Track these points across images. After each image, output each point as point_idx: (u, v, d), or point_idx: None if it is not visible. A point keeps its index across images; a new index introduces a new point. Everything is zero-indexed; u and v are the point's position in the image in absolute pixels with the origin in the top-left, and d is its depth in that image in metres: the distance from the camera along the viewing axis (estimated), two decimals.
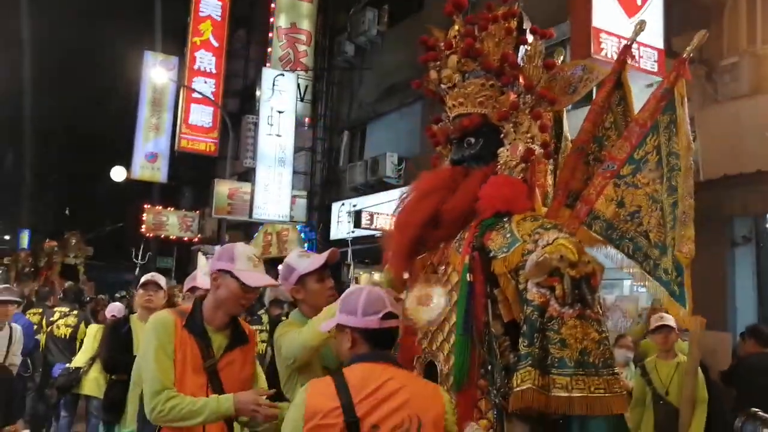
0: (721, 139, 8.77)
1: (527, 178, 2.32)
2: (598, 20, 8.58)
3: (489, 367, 2.08)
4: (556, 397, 1.91)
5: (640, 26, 2.63)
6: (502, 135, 2.35)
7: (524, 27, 2.43)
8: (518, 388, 1.93)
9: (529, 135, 2.32)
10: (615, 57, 8.63)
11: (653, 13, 8.93)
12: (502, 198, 2.22)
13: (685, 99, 2.31)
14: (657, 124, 2.27)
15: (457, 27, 2.45)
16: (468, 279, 2.16)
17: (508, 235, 2.13)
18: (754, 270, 9.34)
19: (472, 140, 2.40)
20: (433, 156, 2.73)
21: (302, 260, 3.35)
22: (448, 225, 2.28)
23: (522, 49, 2.42)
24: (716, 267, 8.97)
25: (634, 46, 2.53)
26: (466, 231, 2.25)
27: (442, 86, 2.50)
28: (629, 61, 2.53)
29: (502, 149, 2.33)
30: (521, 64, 2.37)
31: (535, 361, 1.94)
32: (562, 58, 2.58)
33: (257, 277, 2.87)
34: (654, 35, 8.58)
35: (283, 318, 4.79)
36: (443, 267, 2.33)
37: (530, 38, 2.43)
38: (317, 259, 3.35)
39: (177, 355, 2.66)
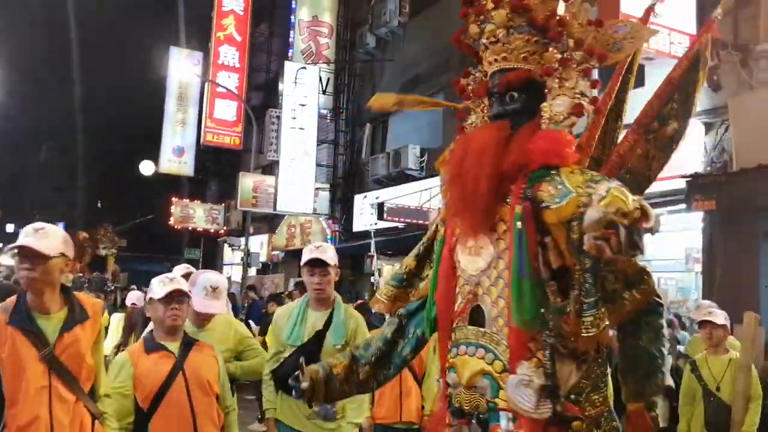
0: (756, 127, 8.54)
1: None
2: (626, 5, 8.35)
3: (541, 310, 2.17)
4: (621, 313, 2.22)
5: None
6: (546, 90, 2.35)
7: None
8: (594, 331, 2.09)
9: (576, 91, 2.33)
10: (644, 43, 8.52)
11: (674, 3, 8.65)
12: (552, 151, 2.25)
13: (708, 61, 2.46)
14: (686, 82, 2.43)
15: None
16: (518, 227, 2.20)
17: (560, 186, 2.18)
18: None
19: (515, 95, 2.39)
20: (460, 110, 2.77)
21: (307, 253, 3.97)
22: (507, 180, 2.30)
23: (563, 6, 2.45)
24: (747, 260, 8.87)
25: (665, 32, 2.60)
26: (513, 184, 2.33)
27: (483, 41, 2.47)
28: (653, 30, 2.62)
29: (545, 104, 2.33)
30: (568, 21, 2.41)
31: (605, 302, 2.13)
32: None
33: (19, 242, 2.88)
34: (687, 20, 8.37)
35: None
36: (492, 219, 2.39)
37: None
38: (309, 255, 3.94)
39: (3, 353, 2.75)
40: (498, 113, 2.43)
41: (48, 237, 2.84)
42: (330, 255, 4.02)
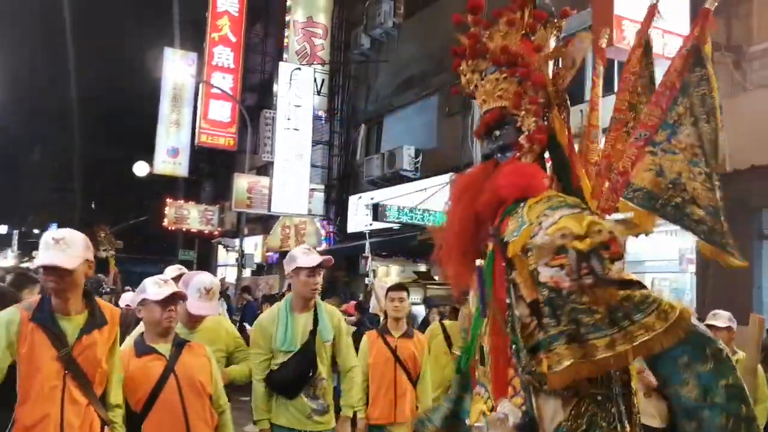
0: (749, 128, 8.52)
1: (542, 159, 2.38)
2: (620, 7, 8.35)
3: (513, 347, 2.13)
4: (604, 358, 1.88)
5: None
6: (518, 124, 2.37)
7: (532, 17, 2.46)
8: (559, 367, 1.91)
9: (533, 119, 2.33)
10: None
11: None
12: (518, 185, 2.25)
13: (710, 54, 2.26)
14: (686, 84, 2.20)
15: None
16: (481, 265, 2.24)
17: (519, 220, 2.16)
18: None
19: (497, 133, 2.42)
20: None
21: (303, 255, 4.16)
22: (485, 221, 2.31)
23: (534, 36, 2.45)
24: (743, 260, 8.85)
25: (659, 32, 2.55)
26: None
27: (470, 89, 2.53)
28: (655, 22, 2.52)
29: (521, 137, 2.35)
30: (524, 51, 2.39)
31: (570, 337, 1.92)
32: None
33: (45, 256, 2.91)
34: (679, 22, 8.29)
35: None
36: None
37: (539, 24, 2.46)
38: (314, 259, 4.14)
39: (22, 349, 2.80)
40: (485, 154, 2.47)
41: (70, 247, 2.90)
42: (318, 257, 4.24)
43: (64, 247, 2.88)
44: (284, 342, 4.12)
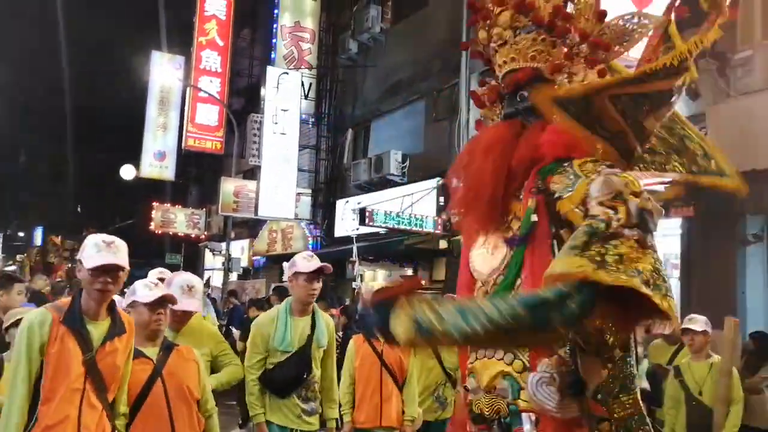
0: (733, 135, 8.60)
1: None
2: (607, 14, 8.44)
3: None
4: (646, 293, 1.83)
5: None
6: (556, 86, 2.34)
7: None
8: (581, 269, 1.82)
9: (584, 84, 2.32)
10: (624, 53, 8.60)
11: (664, 6, 8.79)
12: (563, 143, 2.22)
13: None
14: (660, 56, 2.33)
15: None
16: (533, 219, 2.17)
17: (572, 176, 2.14)
18: (765, 268, 9.20)
19: (526, 93, 2.38)
20: (477, 120, 2.77)
21: (303, 261, 4.31)
22: (516, 177, 2.28)
23: (569, 3, 2.46)
24: (727, 265, 8.92)
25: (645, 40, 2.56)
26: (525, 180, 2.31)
27: (492, 45, 2.47)
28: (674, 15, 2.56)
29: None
30: (573, 17, 2.41)
31: (593, 261, 1.84)
32: None
33: (100, 257, 2.97)
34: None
35: None
36: (505, 217, 2.35)
37: None
38: (313, 264, 4.29)
39: (51, 349, 2.83)
40: (509, 113, 2.42)
41: (120, 251, 2.99)
42: (319, 263, 4.36)
43: (115, 250, 2.96)
44: (282, 342, 4.27)
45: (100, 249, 2.93)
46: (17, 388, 2.80)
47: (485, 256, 2.33)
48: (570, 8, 2.42)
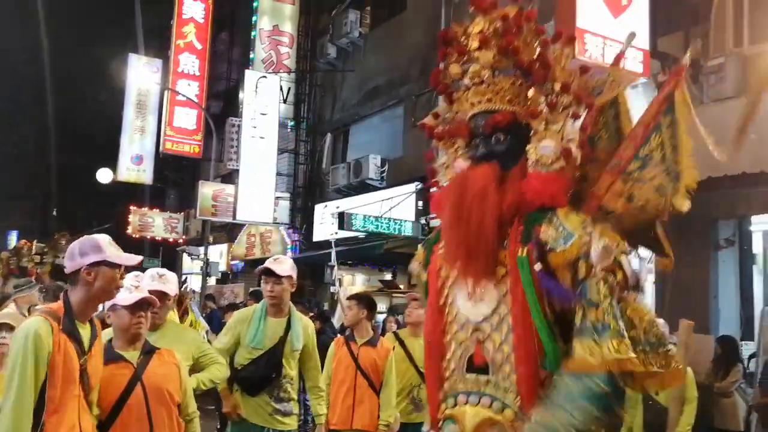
0: (706, 141, 8.79)
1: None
2: (582, 21, 8.45)
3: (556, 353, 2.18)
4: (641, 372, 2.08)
5: (630, 37, 2.76)
6: (531, 133, 2.37)
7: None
8: (620, 356, 2.02)
9: (564, 135, 2.34)
10: (599, 59, 8.66)
11: (639, 14, 8.83)
12: (548, 193, 2.27)
13: (688, 101, 2.45)
14: (659, 124, 2.38)
15: (482, 24, 2.47)
16: (531, 268, 2.22)
17: (561, 229, 2.19)
18: (737, 273, 9.42)
19: (502, 137, 2.40)
20: (428, 151, 2.78)
21: (268, 263, 4.51)
22: (506, 223, 2.30)
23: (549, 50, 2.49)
24: (700, 270, 9.04)
25: (617, 47, 2.62)
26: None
27: (466, 82, 2.49)
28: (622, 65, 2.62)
29: (530, 146, 2.35)
30: (553, 66, 2.44)
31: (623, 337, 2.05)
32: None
33: (128, 257, 3.05)
34: (639, 36, 8.45)
35: None
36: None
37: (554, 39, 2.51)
38: (270, 265, 4.47)
39: (57, 359, 2.78)
40: (484, 154, 2.41)
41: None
42: (283, 267, 4.48)
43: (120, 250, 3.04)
44: (253, 339, 4.38)
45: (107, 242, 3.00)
46: (26, 397, 2.72)
47: (471, 302, 2.34)
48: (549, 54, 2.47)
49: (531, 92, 2.40)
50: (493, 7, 2.44)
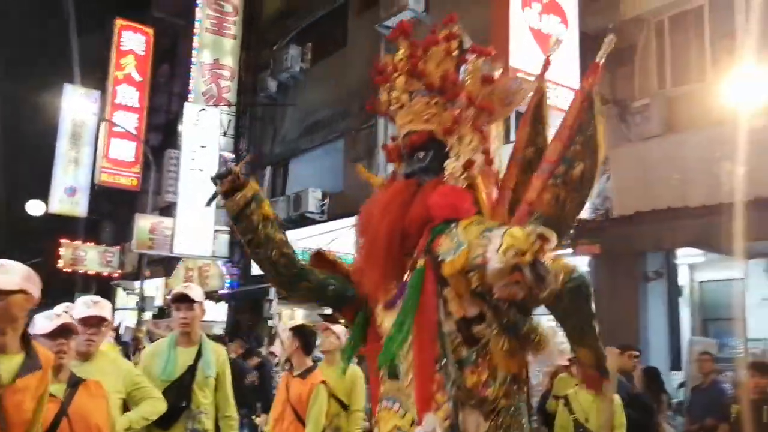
0: (633, 177, 9.14)
1: (475, 186, 2.46)
2: (515, 59, 8.73)
3: (443, 362, 2.21)
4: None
5: (556, 43, 2.86)
6: (447, 149, 2.48)
7: (465, 47, 2.60)
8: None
9: (471, 147, 2.46)
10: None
11: (569, 55, 9.21)
12: (448, 205, 2.34)
13: (598, 103, 2.48)
14: (582, 125, 2.42)
15: (402, 51, 2.61)
16: (425, 279, 2.29)
17: (455, 240, 2.24)
18: (665, 304, 9.73)
19: (421, 155, 2.53)
20: (391, 174, 2.89)
21: (179, 288, 4.59)
22: (410, 236, 2.38)
23: (462, 67, 2.59)
24: (629, 301, 9.34)
25: (551, 86, 2.73)
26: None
27: (392, 107, 2.61)
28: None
29: (448, 161, 2.46)
30: (462, 82, 2.54)
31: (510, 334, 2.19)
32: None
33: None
34: (569, 76, 8.81)
35: None
36: (403, 276, 2.44)
37: (471, 57, 2.61)
38: (175, 290, 4.62)
39: None
40: (407, 173, 2.55)
41: (8, 272, 2.70)
42: (196, 293, 4.47)
43: (1, 270, 2.69)
44: (163, 372, 4.26)
45: None
46: None
47: (386, 310, 2.44)
48: (463, 71, 2.58)
49: (446, 110, 2.54)
50: (406, 36, 2.58)
